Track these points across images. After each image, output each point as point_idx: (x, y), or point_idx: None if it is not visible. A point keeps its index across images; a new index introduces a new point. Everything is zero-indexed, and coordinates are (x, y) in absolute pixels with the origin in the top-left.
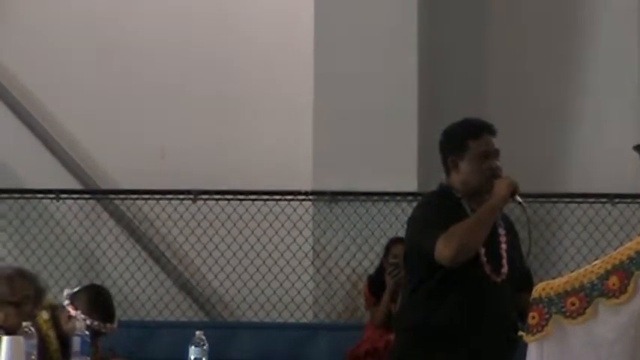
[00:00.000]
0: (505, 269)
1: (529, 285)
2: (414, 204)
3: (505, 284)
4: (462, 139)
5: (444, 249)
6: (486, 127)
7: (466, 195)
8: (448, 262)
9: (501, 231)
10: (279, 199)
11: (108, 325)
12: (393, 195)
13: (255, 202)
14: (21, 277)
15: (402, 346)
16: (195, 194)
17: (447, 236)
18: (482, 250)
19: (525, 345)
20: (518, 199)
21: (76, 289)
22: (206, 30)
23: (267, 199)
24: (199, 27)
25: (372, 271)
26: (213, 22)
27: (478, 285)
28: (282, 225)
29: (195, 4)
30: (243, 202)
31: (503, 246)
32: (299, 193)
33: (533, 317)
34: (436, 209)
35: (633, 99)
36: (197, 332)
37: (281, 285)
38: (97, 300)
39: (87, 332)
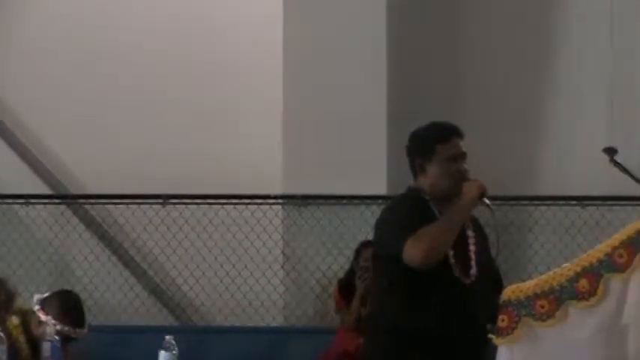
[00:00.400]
0: (474, 271)
1: (499, 286)
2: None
3: (474, 285)
4: (430, 143)
5: (413, 251)
6: (454, 131)
7: (434, 198)
8: (417, 265)
9: (470, 233)
10: (249, 203)
11: (78, 330)
12: (363, 198)
13: (225, 206)
14: None
15: (373, 349)
16: (165, 198)
17: (415, 238)
18: (451, 252)
19: (496, 347)
20: (487, 201)
21: (46, 295)
22: (180, 38)
23: (237, 203)
24: (174, 36)
25: (342, 274)
26: (189, 31)
27: (447, 287)
28: (252, 229)
29: (172, 12)
30: (213, 206)
31: (472, 247)
32: (268, 197)
33: (503, 320)
34: (404, 212)
35: (604, 101)
36: (167, 337)
37: (251, 289)
38: (67, 305)
39: (57, 337)
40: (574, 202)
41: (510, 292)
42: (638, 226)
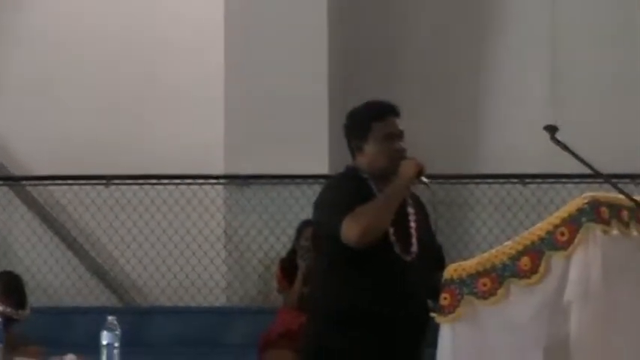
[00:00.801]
0: (414, 248)
1: (441, 263)
2: None
3: (415, 263)
4: (366, 122)
5: (350, 230)
6: (390, 109)
7: (373, 176)
8: (355, 244)
9: (410, 210)
10: (191, 183)
11: (20, 311)
12: (305, 177)
13: (167, 186)
14: None
15: (315, 329)
16: (108, 179)
17: (352, 217)
18: (392, 230)
19: (438, 326)
20: (424, 180)
21: None
22: (122, 15)
23: (179, 183)
24: (115, 17)
25: (284, 254)
26: (129, 12)
27: (388, 265)
28: (194, 209)
29: None
30: (155, 186)
31: (413, 225)
32: (210, 176)
33: (445, 298)
34: (342, 191)
35: (544, 80)
36: (109, 317)
37: (193, 269)
38: (9, 286)
39: None
40: (515, 180)
41: (452, 270)
42: (579, 203)
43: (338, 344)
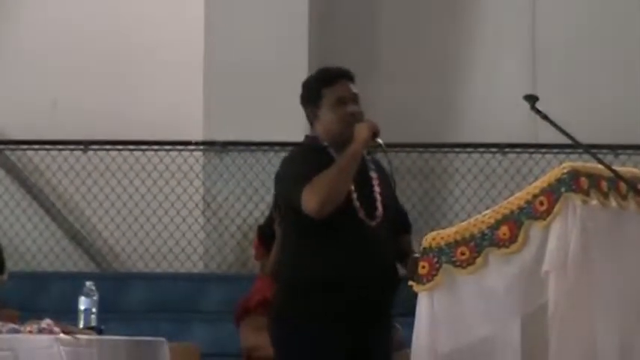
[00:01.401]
0: (379, 212)
1: (407, 226)
2: None
3: (380, 227)
4: (317, 89)
5: (309, 202)
6: (341, 73)
7: (332, 143)
8: (315, 214)
9: (373, 174)
10: (170, 150)
11: None
12: (284, 145)
13: (146, 153)
14: None
15: (283, 298)
16: (86, 144)
17: (310, 187)
18: (355, 195)
19: (416, 294)
20: (379, 141)
21: None
22: None
23: (158, 150)
24: None
25: (262, 221)
26: None
27: (353, 231)
28: (173, 175)
29: None
30: (134, 153)
31: (376, 189)
32: (189, 143)
33: (424, 267)
34: (301, 162)
35: (525, 49)
36: (87, 283)
37: (172, 235)
38: None
39: None
40: (495, 150)
41: (431, 239)
42: (558, 173)
43: (306, 312)
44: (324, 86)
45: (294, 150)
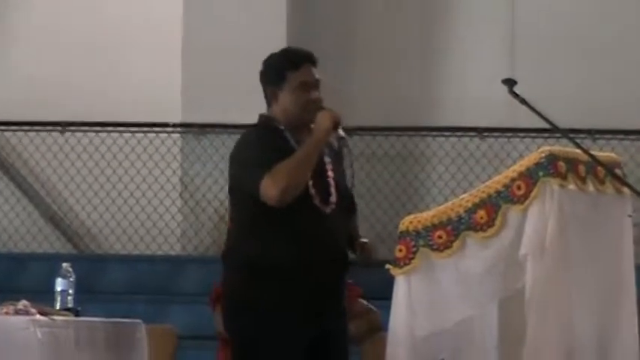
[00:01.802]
0: (334, 198)
1: (353, 208)
2: None
3: (335, 213)
4: (281, 70)
5: (269, 191)
6: (306, 57)
7: (288, 126)
8: (275, 203)
9: (327, 159)
10: (148, 131)
11: None
12: None
13: (124, 134)
14: None
15: (238, 285)
16: (64, 126)
17: (271, 176)
18: (310, 182)
19: (393, 278)
20: (341, 133)
21: None
22: None
23: (136, 131)
24: None
25: None
26: None
27: (308, 217)
28: (151, 157)
29: None
30: (111, 134)
31: (330, 174)
32: (167, 125)
33: (401, 250)
34: (258, 145)
35: (503, 33)
36: (64, 264)
37: (149, 217)
38: None
39: None
40: (473, 134)
41: (408, 222)
42: (536, 157)
43: (263, 300)
44: (288, 69)
45: (250, 131)
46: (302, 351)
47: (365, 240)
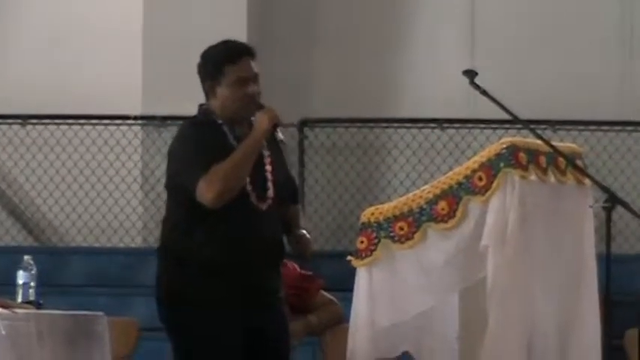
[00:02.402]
0: (271, 192)
1: (294, 197)
2: None
3: (272, 209)
4: (219, 64)
5: (206, 192)
6: (245, 51)
7: (227, 121)
8: (211, 205)
9: (265, 152)
10: (108, 124)
11: None
12: None
13: (85, 127)
14: None
15: (170, 279)
16: (24, 118)
17: (208, 179)
18: (248, 179)
19: (354, 269)
20: (280, 136)
21: None
22: None
23: (97, 124)
24: None
25: None
26: None
27: (243, 215)
28: (112, 149)
29: None
30: (72, 127)
31: (268, 168)
32: (128, 117)
33: (362, 242)
34: (195, 142)
35: (463, 24)
36: (25, 257)
37: (110, 210)
38: None
39: None
40: (434, 125)
41: (369, 214)
42: (497, 148)
43: (199, 297)
44: (226, 63)
45: (188, 124)
46: (240, 346)
47: (303, 232)
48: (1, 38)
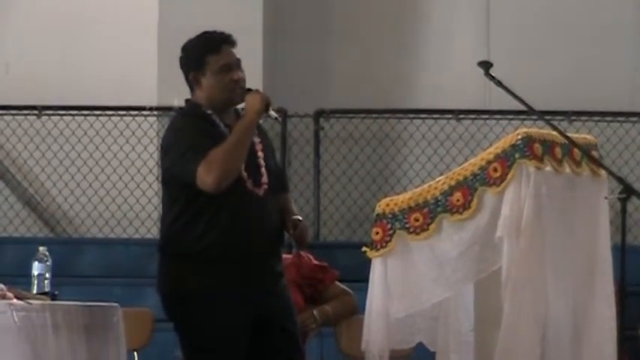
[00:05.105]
0: (265, 178)
1: (284, 185)
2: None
3: (267, 194)
4: (201, 55)
5: (206, 177)
6: (225, 39)
7: (215, 109)
8: (212, 190)
9: (256, 139)
10: (124, 115)
11: None
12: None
13: (100, 118)
14: None
15: (175, 272)
16: (40, 109)
17: (207, 164)
18: (242, 166)
19: (369, 260)
20: (273, 114)
21: None
22: None
23: (112, 115)
24: None
25: None
26: None
27: (241, 202)
28: (127, 140)
29: None
30: (88, 118)
31: (260, 154)
32: (143, 108)
33: (377, 233)
34: (188, 133)
35: (479, 15)
36: (40, 248)
37: (125, 201)
38: None
39: None
40: (449, 116)
41: (385, 205)
42: (512, 139)
43: (202, 285)
44: (208, 53)
45: (179, 118)
46: (246, 331)
47: (298, 217)
48: (18, 30)
